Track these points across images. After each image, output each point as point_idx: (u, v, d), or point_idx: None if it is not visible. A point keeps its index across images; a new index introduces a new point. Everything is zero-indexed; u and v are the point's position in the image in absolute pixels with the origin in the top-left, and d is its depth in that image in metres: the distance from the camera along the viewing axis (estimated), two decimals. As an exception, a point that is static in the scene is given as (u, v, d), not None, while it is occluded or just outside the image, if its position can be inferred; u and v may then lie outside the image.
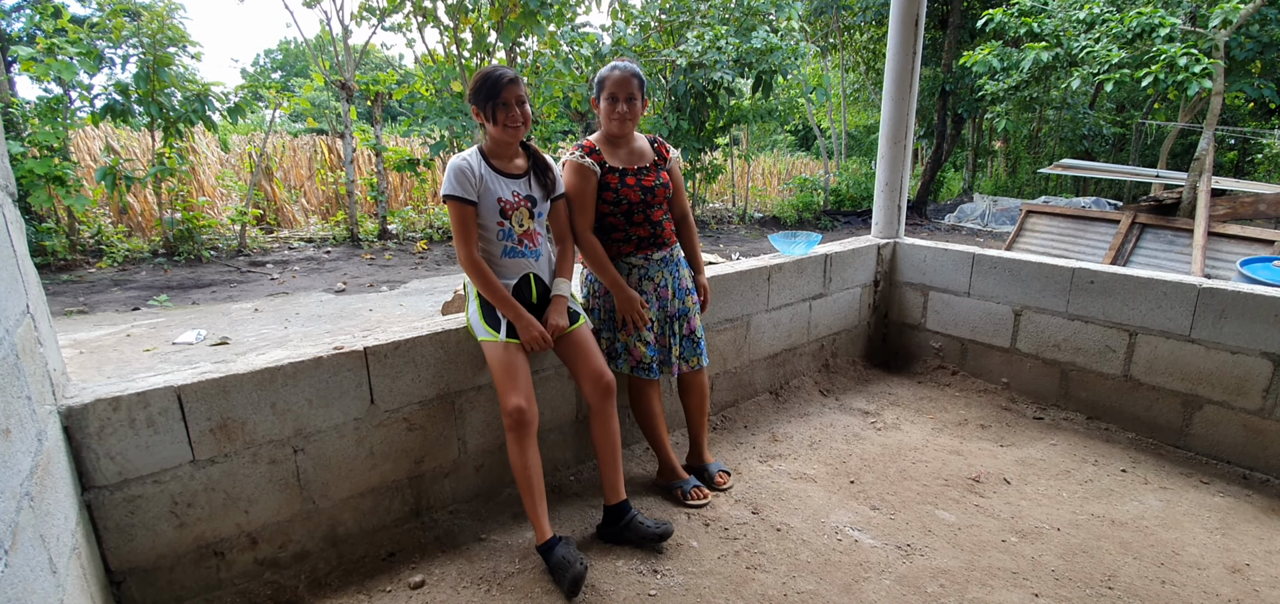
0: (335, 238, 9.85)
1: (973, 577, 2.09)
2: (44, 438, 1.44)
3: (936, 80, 13.97)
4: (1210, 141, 7.51)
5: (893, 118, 3.75)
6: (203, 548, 1.91)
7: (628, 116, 2.28)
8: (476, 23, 8.79)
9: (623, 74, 2.26)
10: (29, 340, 1.45)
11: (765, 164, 17.98)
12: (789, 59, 10.75)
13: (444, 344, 2.25)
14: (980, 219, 13.19)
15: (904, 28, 3.60)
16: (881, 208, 3.91)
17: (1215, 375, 2.78)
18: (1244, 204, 7.83)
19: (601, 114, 2.31)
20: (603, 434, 2.21)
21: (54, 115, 7.42)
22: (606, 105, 2.28)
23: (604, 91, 2.28)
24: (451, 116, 9.27)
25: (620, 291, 2.33)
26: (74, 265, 7.75)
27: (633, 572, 2.10)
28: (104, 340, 5.32)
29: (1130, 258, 7.57)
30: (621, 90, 2.26)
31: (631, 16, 11.17)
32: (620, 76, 2.26)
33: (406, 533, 2.26)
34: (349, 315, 6.18)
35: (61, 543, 1.41)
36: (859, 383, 3.66)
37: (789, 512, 2.44)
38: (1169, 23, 7.79)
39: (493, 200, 2.08)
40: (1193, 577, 2.10)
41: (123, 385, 1.77)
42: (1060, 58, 9.37)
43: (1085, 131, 15.23)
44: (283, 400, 1.96)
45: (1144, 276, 2.95)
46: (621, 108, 2.27)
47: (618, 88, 2.26)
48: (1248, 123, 14.41)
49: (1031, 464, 2.79)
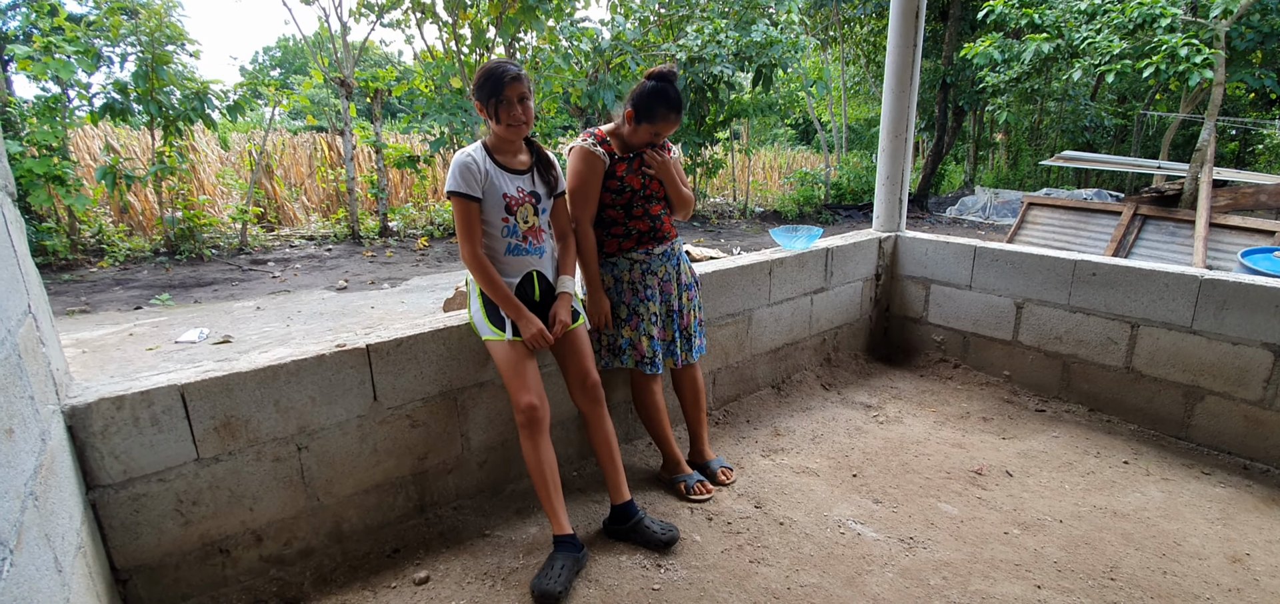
0: (336, 235, 9.85)
1: (975, 569, 2.10)
2: (47, 437, 1.44)
3: (937, 73, 13.93)
4: (1211, 132, 7.50)
5: (893, 111, 3.74)
6: (208, 545, 1.92)
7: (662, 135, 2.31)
8: (475, 18, 8.76)
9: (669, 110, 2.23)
10: (31, 340, 1.45)
11: (766, 158, 17.96)
12: (789, 53, 10.72)
13: (446, 341, 2.25)
14: (981, 212, 13.18)
15: (904, 20, 3.58)
16: (882, 201, 3.91)
17: (1216, 367, 2.78)
18: (1245, 195, 7.82)
19: (639, 133, 2.28)
20: (598, 437, 2.23)
21: (52, 114, 7.42)
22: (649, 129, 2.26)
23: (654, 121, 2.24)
24: (451, 113, 9.25)
25: (594, 292, 2.35)
26: (75, 265, 7.76)
27: (636, 567, 2.11)
28: (106, 339, 5.33)
29: (1132, 250, 7.56)
30: (666, 128, 2.27)
31: (631, 11, 11.14)
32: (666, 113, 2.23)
33: (411, 529, 2.27)
34: (351, 313, 6.19)
35: (66, 542, 1.41)
36: (861, 377, 3.66)
37: (792, 506, 2.44)
38: (1170, 13, 7.76)
39: (498, 196, 2.08)
40: (1194, 567, 2.11)
41: (126, 384, 1.77)
42: (1061, 49, 9.33)
43: (1086, 123, 15.20)
44: (286, 398, 1.96)
45: (1146, 268, 2.94)
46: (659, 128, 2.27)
47: (664, 127, 2.26)
48: (1249, 113, 14.38)
49: (1033, 456, 2.79)
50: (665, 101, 2.22)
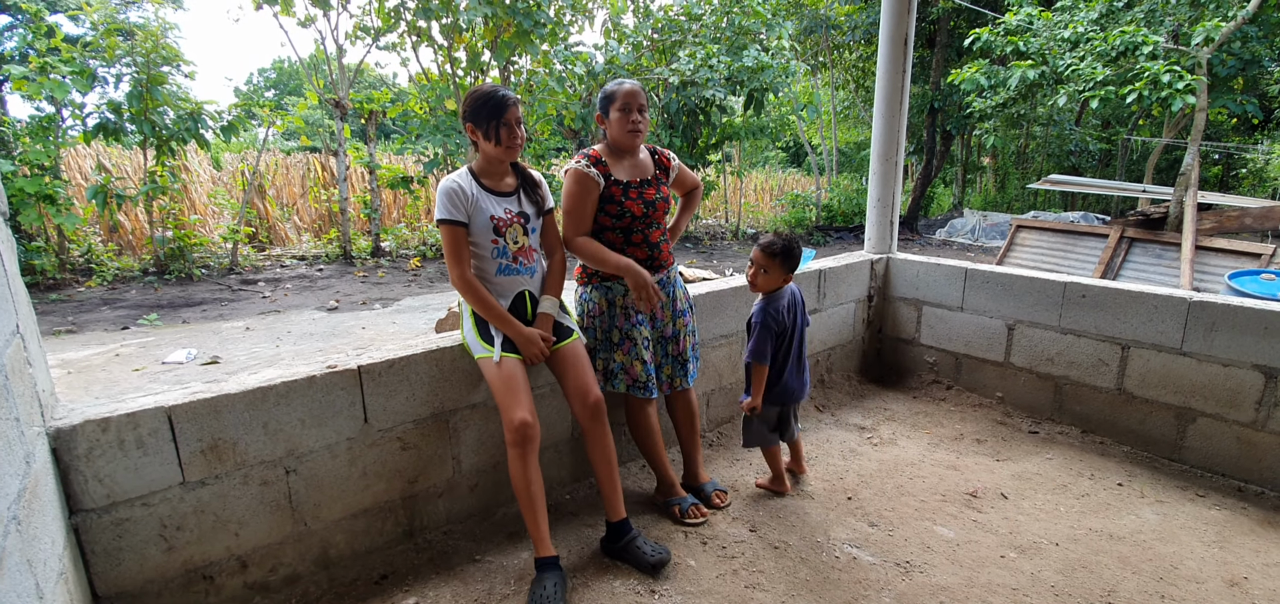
0: (328, 255, 9.82)
1: (972, 593, 2.08)
2: (32, 460, 1.41)
3: (925, 98, 14.16)
4: (1195, 157, 7.63)
5: (883, 135, 3.78)
6: (191, 572, 1.87)
7: (640, 126, 2.32)
8: (471, 42, 8.84)
9: (634, 86, 2.31)
10: (18, 361, 1.43)
11: (757, 180, 18.11)
12: (780, 77, 10.87)
13: (438, 362, 2.24)
14: (971, 234, 13.31)
15: (893, 47, 3.64)
16: (874, 223, 3.94)
17: (1208, 388, 2.80)
18: (1230, 218, 7.94)
19: (613, 126, 2.32)
20: (598, 454, 2.20)
21: (46, 134, 7.39)
22: (619, 116, 2.30)
23: (616, 103, 2.30)
24: (445, 134, 9.29)
25: (632, 273, 2.29)
26: (63, 284, 7.68)
27: (630, 592, 2.08)
28: (93, 360, 5.26)
29: (1119, 271, 7.64)
30: (634, 101, 2.30)
31: (624, 36, 11.28)
32: (632, 88, 2.31)
33: (399, 554, 2.23)
34: (341, 333, 6.14)
35: (48, 568, 1.38)
36: (854, 398, 3.66)
37: (786, 529, 2.42)
38: (1152, 41, 7.94)
39: (485, 218, 2.08)
40: (1192, 591, 2.10)
41: (112, 406, 1.74)
42: (1046, 75, 9.52)
43: (1072, 147, 15.44)
44: (275, 420, 1.94)
45: (1135, 290, 2.97)
46: (635, 117, 2.30)
47: (630, 99, 2.29)
48: (1231, 138, 14.66)
49: (1028, 478, 2.79)
50: (605, 93, 2.34)
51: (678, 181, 2.59)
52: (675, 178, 2.56)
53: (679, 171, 2.57)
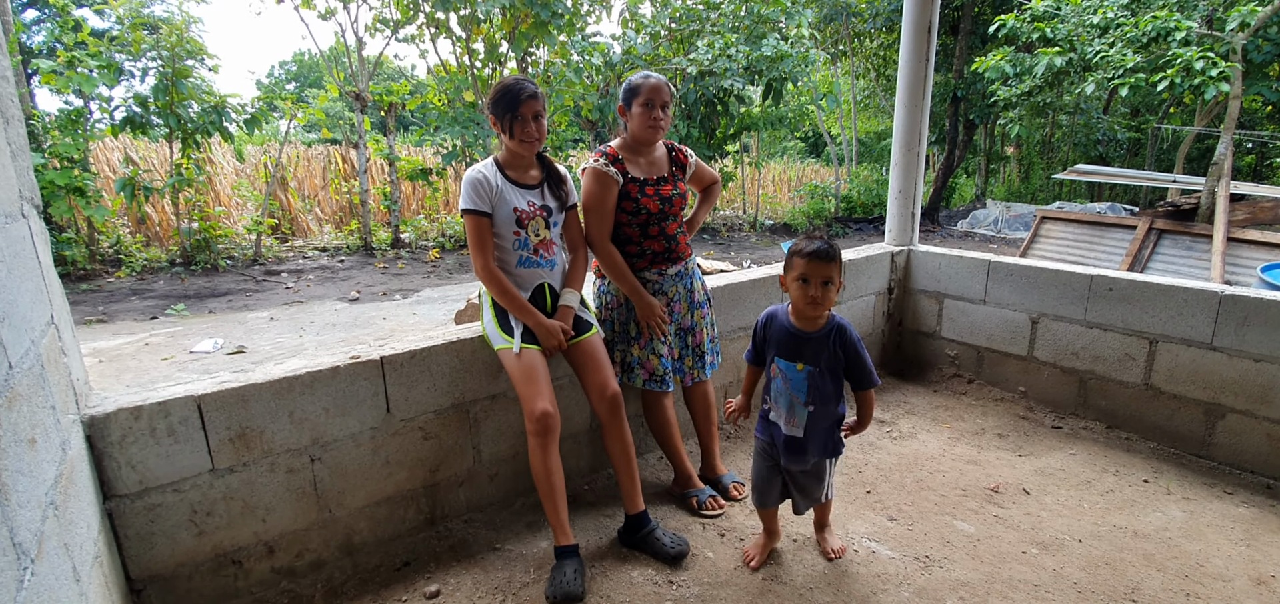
0: (349, 247, 9.94)
1: (993, 589, 2.06)
2: (68, 447, 1.45)
3: (948, 86, 13.91)
4: (1228, 146, 7.42)
5: (905, 124, 3.73)
6: (221, 556, 1.92)
7: (661, 123, 2.30)
8: (488, 33, 8.87)
9: (658, 81, 2.29)
10: (53, 350, 1.47)
11: (776, 171, 17.97)
12: (799, 66, 10.75)
13: (459, 353, 2.26)
14: (993, 225, 13.09)
15: (916, 34, 3.58)
16: (895, 215, 3.89)
17: (1238, 384, 2.73)
18: (1264, 209, 7.72)
19: (635, 120, 2.31)
20: (616, 447, 2.22)
21: (74, 127, 7.56)
22: (642, 111, 2.28)
23: (640, 97, 2.28)
24: (463, 126, 9.34)
25: (640, 299, 2.33)
26: (93, 274, 7.87)
27: (648, 582, 2.09)
28: (123, 349, 5.39)
29: (1148, 264, 7.47)
30: (658, 97, 2.28)
31: (642, 25, 11.22)
32: (657, 84, 2.29)
33: (421, 542, 2.27)
34: (363, 324, 6.23)
35: (84, 552, 1.42)
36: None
37: (805, 521, 2.42)
38: (1185, 26, 7.71)
39: (508, 210, 2.10)
40: (1218, 589, 2.06)
41: (144, 394, 1.79)
42: (1074, 63, 9.30)
43: (1099, 137, 15.09)
44: (300, 409, 1.97)
45: (1164, 284, 2.91)
46: (657, 114, 2.28)
47: (655, 94, 2.28)
48: (1266, 127, 14.21)
49: (1051, 474, 2.75)
50: (629, 85, 2.31)
51: (695, 178, 2.58)
52: (692, 174, 2.54)
53: (696, 167, 2.55)
